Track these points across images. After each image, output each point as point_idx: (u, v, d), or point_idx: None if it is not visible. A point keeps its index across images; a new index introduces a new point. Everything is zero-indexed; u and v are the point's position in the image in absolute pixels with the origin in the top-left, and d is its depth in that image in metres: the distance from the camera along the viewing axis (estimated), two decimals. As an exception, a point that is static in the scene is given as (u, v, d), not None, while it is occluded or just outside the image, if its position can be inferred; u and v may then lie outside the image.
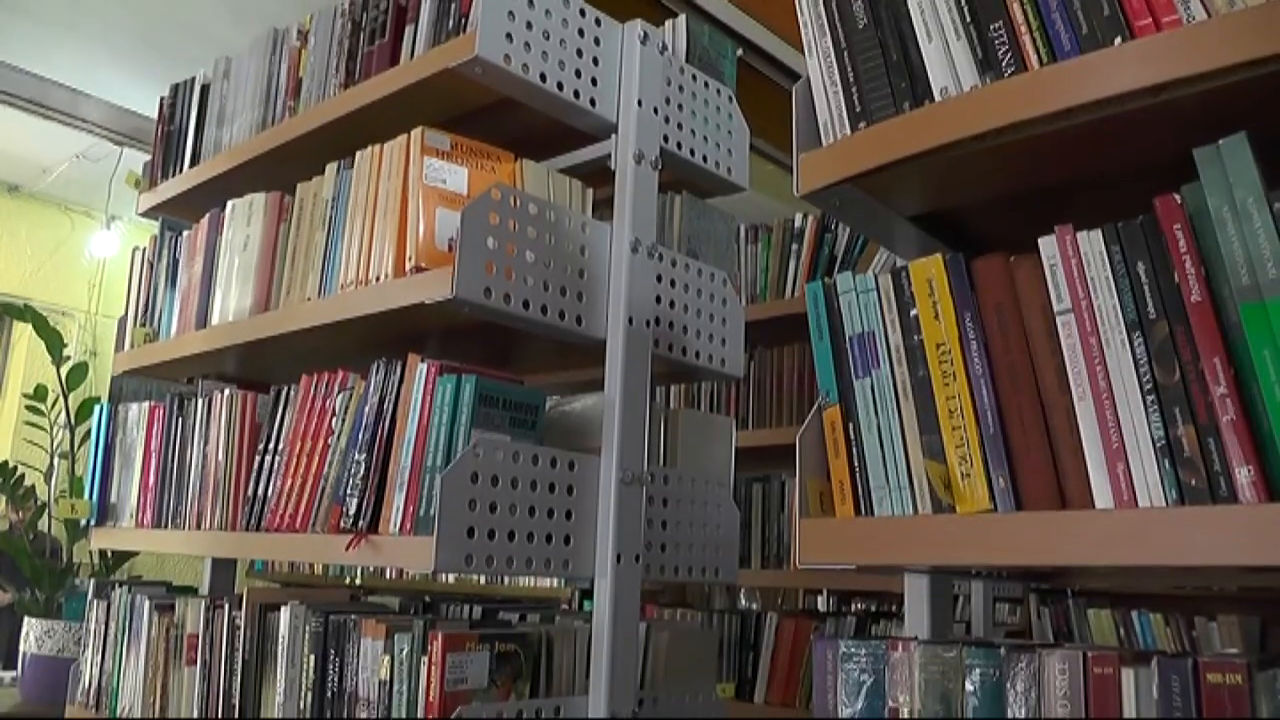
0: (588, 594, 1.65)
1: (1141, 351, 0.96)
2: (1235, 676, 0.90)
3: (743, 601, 4.00)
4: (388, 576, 4.97)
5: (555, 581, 4.27)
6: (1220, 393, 0.91)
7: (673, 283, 1.79)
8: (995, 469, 1.04)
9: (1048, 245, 1.04)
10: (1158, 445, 0.94)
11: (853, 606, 3.84)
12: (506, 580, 4.63)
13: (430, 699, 1.49)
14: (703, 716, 1.81)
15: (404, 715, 1.54)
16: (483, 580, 4.64)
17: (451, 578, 4.70)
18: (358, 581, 5.02)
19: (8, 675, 3.26)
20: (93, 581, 2.40)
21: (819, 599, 4.08)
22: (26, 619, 2.76)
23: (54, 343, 2.86)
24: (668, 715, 1.73)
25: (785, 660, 2.82)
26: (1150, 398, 0.95)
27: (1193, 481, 0.92)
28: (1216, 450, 0.91)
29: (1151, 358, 0.96)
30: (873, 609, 3.55)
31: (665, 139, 1.80)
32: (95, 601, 2.33)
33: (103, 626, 2.29)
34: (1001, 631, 3.57)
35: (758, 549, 2.95)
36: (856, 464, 1.13)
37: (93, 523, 2.37)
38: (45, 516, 2.93)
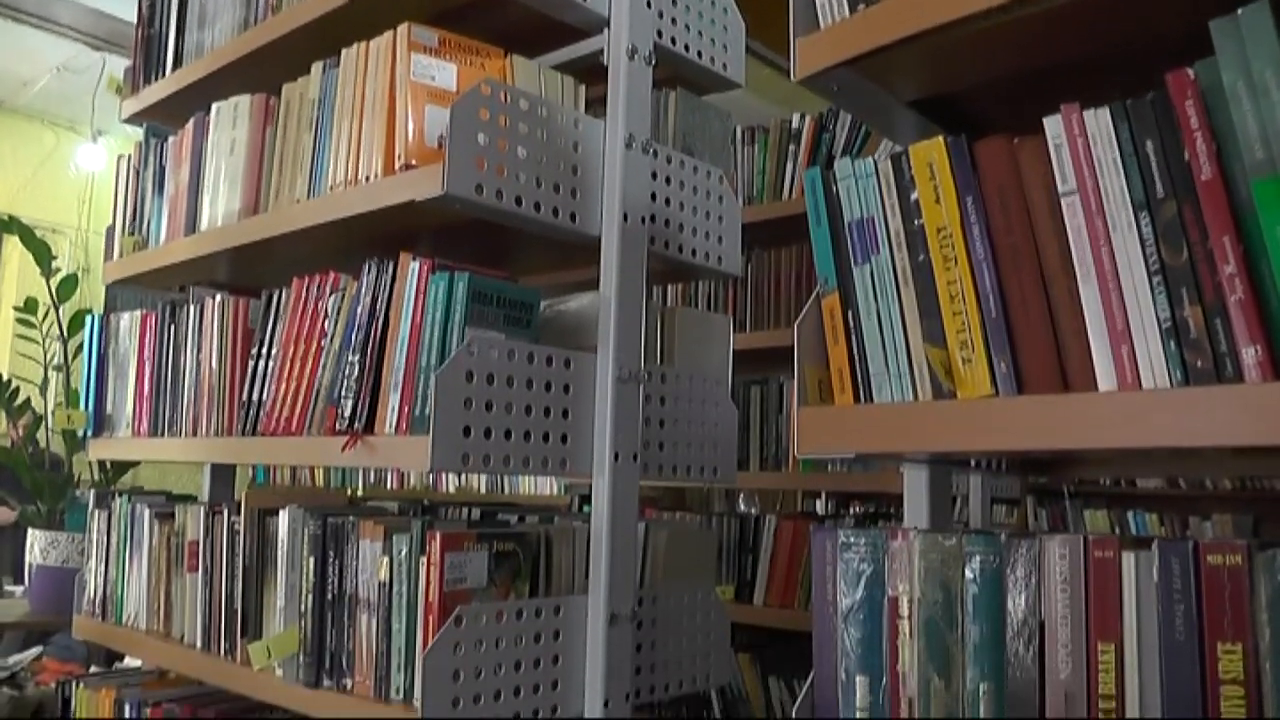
0: (586, 499, 1.64)
1: (1148, 231, 0.94)
2: (1235, 557, 0.90)
3: (741, 506, 4.03)
4: (388, 487, 5.00)
5: (554, 489, 4.30)
6: (1229, 272, 0.89)
7: (668, 180, 1.76)
8: (997, 353, 1.02)
9: (1053, 125, 1.01)
10: (1163, 326, 0.93)
11: (851, 509, 3.87)
12: (506, 489, 4.66)
13: (430, 599, 1.49)
14: (702, 614, 1.82)
15: (404, 616, 1.54)
16: (483, 490, 4.68)
17: (452, 487, 4.73)
18: (359, 492, 5.05)
19: (18, 589, 3.28)
20: (93, 492, 2.40)
21: (818, 502, 4.11)
22: (30, 530, 2.77)
23: (41, 254, 2.82)
24: (667, 613, 1.74)
25: (784, 562, 2.84)
26: (1156, 278, 0.93)
27: (1198, 363, 0.91)
28: (1223, 330, 0.90)
29: (1158, 237, 0.93)
30: (871, 510, 3.57)
31: (659, 34, 1.75)
32: (96, 512, 2.34)
33: (104, 536, 2.30)
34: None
35: (756, 451, 2.96)
36: (855, 351, 1.12)
37: (89, 433, 2.37)
38: (43, 430, 2.93)
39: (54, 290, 2.84)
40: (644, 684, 1.70)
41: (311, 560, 1.67)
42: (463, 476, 4.51)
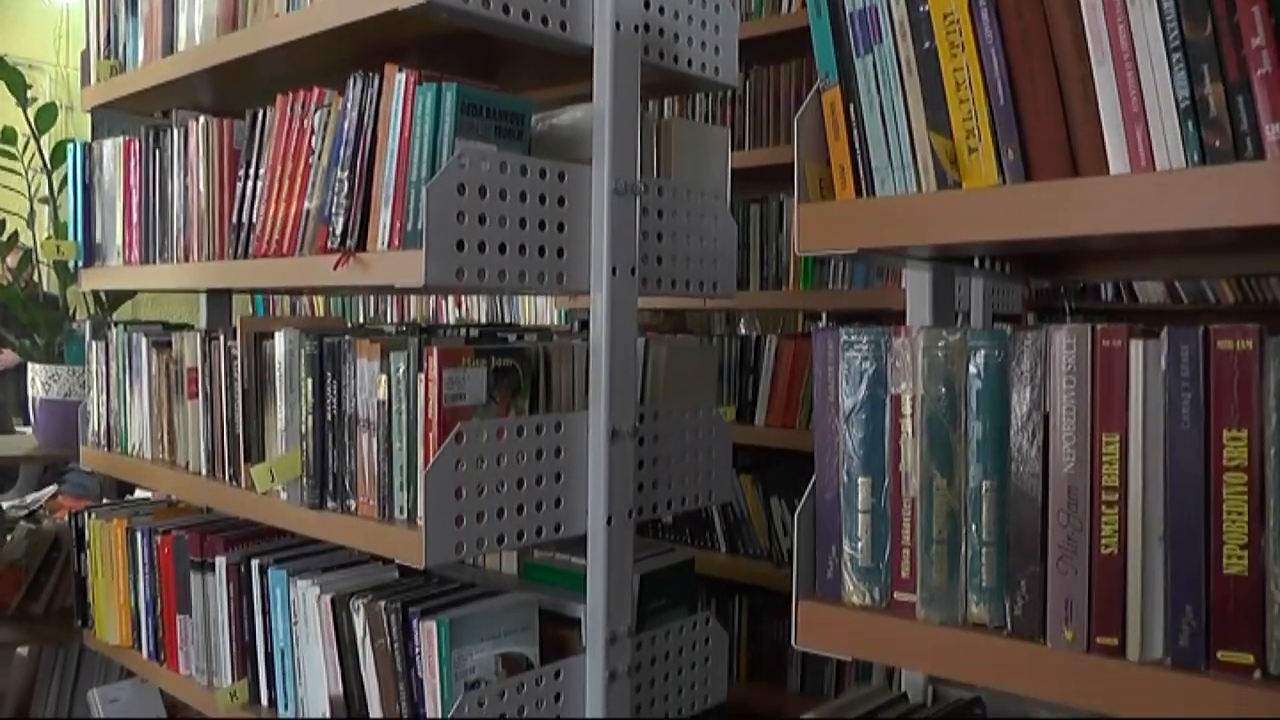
0: (586, 325, 1.63)
1: (1169, 5, 0.89)
2: (1246, 342, 0.88)
3: (742, 330, 4.02)
4: (389, 319, 4.99)
5: (554, 318, 4.29)
6: (1256, 44, 0.84)
7: (661, -14, 1.68)
8: (1004, 140, 0.98)
9: (1071, -106, 0.95)
10: (1181, 106, 0.88)
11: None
12: (507, 318, 4.65)
13: (429, 416, 1.49)
14: (703, 430, 1.82)
15: (405, 435, 1.54)
16: (483, 319, 4.66)
17: (452, 318, 4.72)
18: (360, 323, 5.06)
19: (28, 429, 3.31)
20: (89, 324, 2.39)
21: (818, 324, 4.11)
22: (30, 365, 2.77)
23: (15, 83, 2.73)
24: (668, 429, 1.74)
25: (785, 382, 2.84)
26: (1176, 55, 0.88)
27: (1217, 143, 0.87)
28: (1245, 108, 0.85)
29: (1180, 12, 0.88)
30: (872, 332, 3.55)
31: None
32: (93, 344, 2.33)
33: (103, 367, 2.30)
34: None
35: (756, 270, 2.93)
36: (857, 145, 1.08)
37: (80, 264, 2.34)
38: (34, 265, 2.90)
39: (33, 120, 2.76)
40: (646, 501, 1.72)
41: (309, 382, 1.66)
42: (463, 307, 4.50)
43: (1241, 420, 0.88)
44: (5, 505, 3.04)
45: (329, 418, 1.65)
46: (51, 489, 3.47)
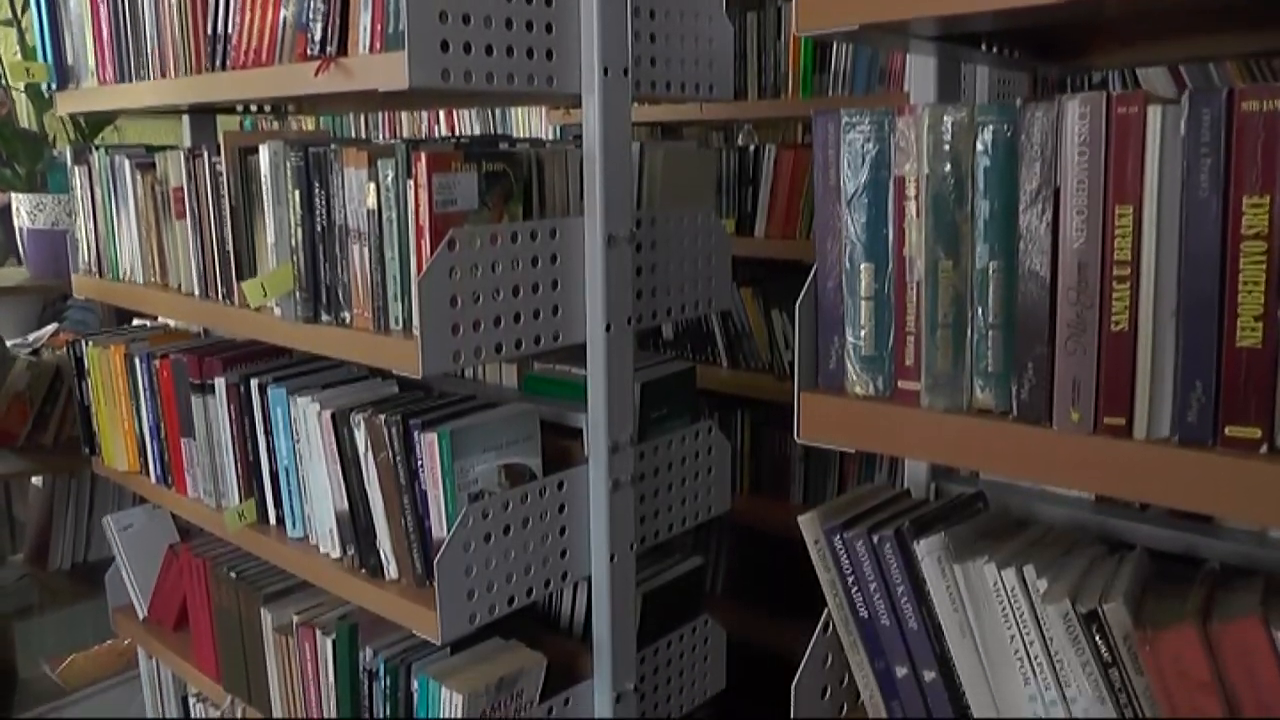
0: (580, 137, 1.57)
1: None
2: (1273, 102, 0.83)
3: (740, 143, 3.94)
4: (381, 139, 4.89)
5: (551, 134, 4.20)
6: None
7: None
8: (1019, -104, 0.92)
9: None
10: None
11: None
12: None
13: (420, 223, 1.45)
14: (702, 237, 1.79)
15: (397, 243, 1.51)
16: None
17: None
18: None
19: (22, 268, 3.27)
20: (69, 148, 2.32)
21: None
22: (14, 195, 2.71)
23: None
24: (666, 235, 1.71)
25: (785, 192, 2.79)
26: None
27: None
28: None
29: None
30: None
31: None
32: (75, 169, 2.27)
33: (88, 193, 2.24)
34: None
35: (754, 79, 2.84)
36: (861, -90, 1.01)
37: (54, 87, 2.26)
38: (7, 92, 2.80)
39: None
40: (645, 309, 1.70)
41: (297, 193, 1.61)
42: (455, 130, 4.40)
43: (1264, 185, 0.84)
44: (9, 344, 3.03)
45: (319, 229, 1.61)
46: (52, 327, 3.46)
